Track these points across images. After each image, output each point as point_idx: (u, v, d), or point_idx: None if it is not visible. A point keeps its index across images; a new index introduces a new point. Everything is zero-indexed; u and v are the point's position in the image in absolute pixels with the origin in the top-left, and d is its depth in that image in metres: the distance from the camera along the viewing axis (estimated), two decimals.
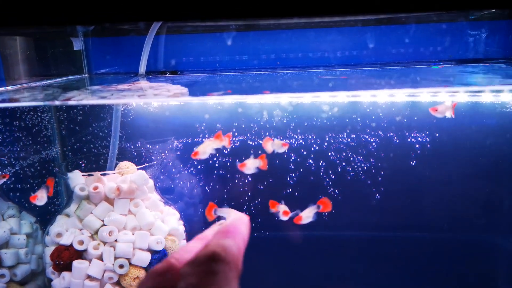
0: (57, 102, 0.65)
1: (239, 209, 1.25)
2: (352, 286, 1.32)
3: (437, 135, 1.17)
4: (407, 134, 1.18)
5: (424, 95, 1.14)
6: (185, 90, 0.80)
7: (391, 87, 0.84)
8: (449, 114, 0.83)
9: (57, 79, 1.17)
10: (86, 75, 1.28)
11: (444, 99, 0.95)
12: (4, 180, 0.94)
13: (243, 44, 1.23)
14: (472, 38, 1.20)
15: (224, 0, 0.37)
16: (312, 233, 1.29)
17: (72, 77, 1.24)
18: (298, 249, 1.30)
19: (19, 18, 0.36)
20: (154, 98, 0.66)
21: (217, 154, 1.23)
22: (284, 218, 0.95)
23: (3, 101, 0.74)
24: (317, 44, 1.22)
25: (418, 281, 1.30)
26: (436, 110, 0.81)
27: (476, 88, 0.92)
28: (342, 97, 1.12)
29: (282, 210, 0.95)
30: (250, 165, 0.89)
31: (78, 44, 1.27)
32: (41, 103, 0.69)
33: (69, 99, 0.67)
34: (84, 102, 0.66)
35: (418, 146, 1.18)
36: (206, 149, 0.89)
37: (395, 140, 1.18)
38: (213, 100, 1.14)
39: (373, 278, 1.31)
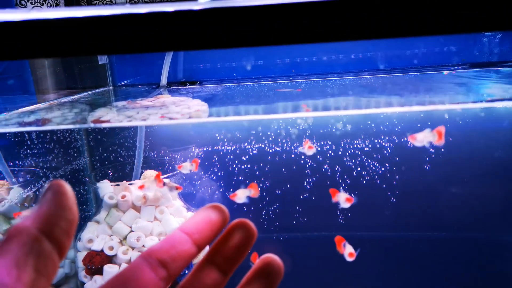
0: (89, 125, 0.71)
1: (258, 212, 1.30)
2: (367, 286, 1.36)
3: (450, 139, 1.19)
4: None
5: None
6: (205, 106, 0.85)
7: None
8: (427, 142, 0.81)
9: (84, 93, 1.24)
10: (111, 87, 1.35)
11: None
12: (179, 191, 1.01)
13: (259, 54, 1.28)
14: (485, 41, 1.22)
15: (238, 33, 0.40)
16: (329, 234, 1.32)
17: (98, 90, 1.31)
18: (315, 251, 1.34)
19: (44, 51, 0.40)
20: (176, 121, 0.71)
21: (236, 161, 1.28)
22: (346, 205, 0.98)
23: (37, 121, 0.81)
24: (331, 52, 1.25)
25: (432, 281, 1.32)
26: (415, 139, 0.81)
27: (491, 105, 0.94)
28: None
29: (343, 198, 0.98)
30: (241, 195, 0.95)
31: (103, 59, 1.34)
32: (71, 126, 0.75)
33: (98, 120, 0.73)
34: (114, 125, 0.72)
35: (432, 150, 1.21)
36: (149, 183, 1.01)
37: (409, 145, 1.21)
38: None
39: (387, 279, 1.34)
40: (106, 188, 1.07)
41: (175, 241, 0.34)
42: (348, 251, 0.96)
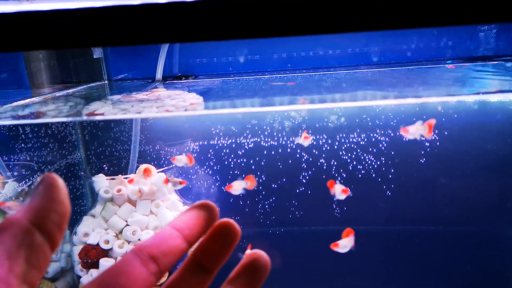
0: (84, 118, 0.71)
1: (255, 207, 1.31)
2: (364, 281, 1.37)
3: (445, 133, 1.20)
4: None
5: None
6: (200, 99, 0.85)
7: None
8: (419, 135, 0.83)
9: (79, 87, 1.24)
10: (106, 81, 1.34)
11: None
12: (183, 186, 1.02)
13: (255, 48, 1.27)
14: (481, 35, 1.22)
15: (235, 24, 0.40)
16: (326, 228, 1.33)
17: (93, 84, 1.30)
18: (311, 245, 1.34)
19: (40, 43, 0.39)
20: (171, 113, 0.71)
21: (232, 156, 1.28)
22: (342, 196, 0.98)
23: (31, 114, 0.80)
24: (327, 46, 1.25)
25: (428, 275, 1.33)
26: (407, 131, 0.82)
27: (486, 97, 0.95)
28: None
29: (338, 190, 0.99)
30: (237, 186, 0.96)
31: (97, 53, 1.33)
32: (64, 119, 0.75)
33: (93, 113, 0.73)
34: (108, 117, 0.72)
35: (427, 144, 1.21)
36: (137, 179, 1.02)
37: (404, 139, 1.21)
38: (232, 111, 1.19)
39: (384, 274, 1.35)
40: (101, 182, 1.07)
41: (166, 237, 0.35)
42: (344, 243, 0.96)
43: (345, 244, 0.94)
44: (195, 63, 1.33)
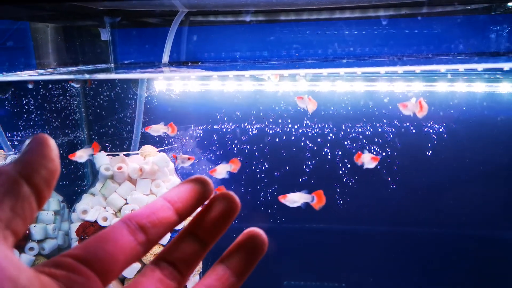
0: (86, 76, 0.70)
1: (256, 194, 1.29)
2: (364, 277, 1.34)
3: (453, 125, 1.18)
4: (423, 124, 1.19)
5: (441, 86, 1.15)
6: (204, 72, 0.84)
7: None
8: (416, 110, 0.84)
9: (85, 67, 1.24)
10: (112, 64, 1.33)
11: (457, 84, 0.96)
12: (191, 162, 1.01)
13: (262, 35, 1.26)
14: (494, 31, 1.20)
15: None
16: (326, 220, 1.31)
17: (99, 65, 1.30)
18: (312, 237, 1.32)
19: None
20: (174, 73, 0.70)
21: (236, 141, 1.27)
22: (371, 165, 0.95)
23: (36, 75, 0.80)
24: (334, 37, 1.24)
25: (432, 276, 1.31)
26: (406, 107, 0.83)
27: (493, 66, 0.94)
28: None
29: (368, 158, 0.95)
30: (221, 170, 0.94)
31: (105, 35, 1.32)
32: (66, 77, 0.75)
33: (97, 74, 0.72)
34: (112, 76, 0.71)
35: (434, 136, 1.19)
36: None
37: (411, 130, 1.20)
38: (232, 86, 1.18)
39: (385, 271, 1.32)
40: (102, 159, 1.06)
41: (157, 208, 0.34)
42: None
43: (294, 199, 0.91)
44: (204, 57, 1.32)
